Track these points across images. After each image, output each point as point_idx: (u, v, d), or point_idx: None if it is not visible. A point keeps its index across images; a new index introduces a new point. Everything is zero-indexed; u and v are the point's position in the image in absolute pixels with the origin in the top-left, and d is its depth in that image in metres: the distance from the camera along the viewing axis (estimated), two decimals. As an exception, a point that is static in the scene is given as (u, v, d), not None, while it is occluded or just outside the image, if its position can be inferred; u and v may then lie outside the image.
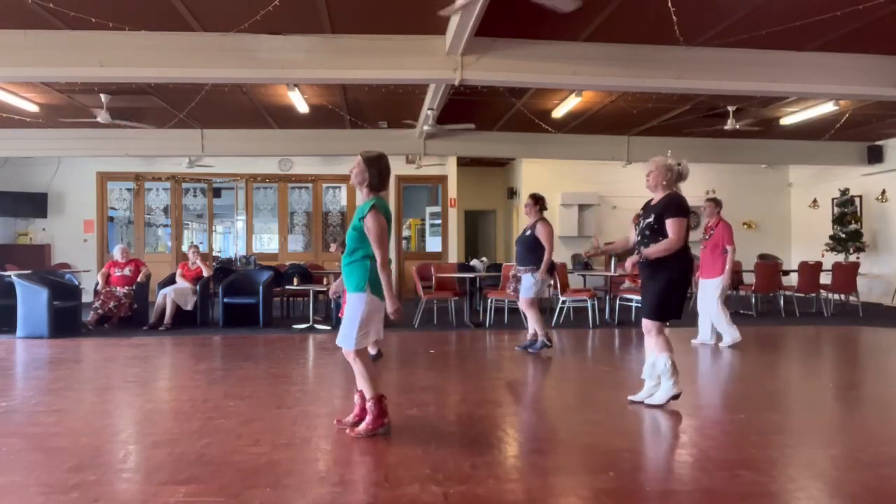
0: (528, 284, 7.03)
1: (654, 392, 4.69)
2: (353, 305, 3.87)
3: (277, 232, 14.70)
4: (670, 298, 4.57)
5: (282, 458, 3.55)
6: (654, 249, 4.51)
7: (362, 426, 3.92)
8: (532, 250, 6.99)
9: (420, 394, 5.18)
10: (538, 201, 7.21)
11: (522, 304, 7.16)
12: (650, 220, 4.64)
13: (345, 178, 14.65)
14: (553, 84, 8.03)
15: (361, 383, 3.96)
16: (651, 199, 4.79)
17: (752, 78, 7.51)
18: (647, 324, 4.68)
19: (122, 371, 6.25)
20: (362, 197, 3.99)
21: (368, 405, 3.92)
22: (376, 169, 3.90)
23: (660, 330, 4.65)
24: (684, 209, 4.59)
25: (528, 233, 7.11)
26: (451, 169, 13.83)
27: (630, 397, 4.81)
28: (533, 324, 7.05)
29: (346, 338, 3.89)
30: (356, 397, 4.06)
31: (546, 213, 7.28)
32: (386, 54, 7.07)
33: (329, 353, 7.41)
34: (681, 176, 4.68)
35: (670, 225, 4.51)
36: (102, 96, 8.99)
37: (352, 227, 3.92)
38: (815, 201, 14.39)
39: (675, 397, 4.61)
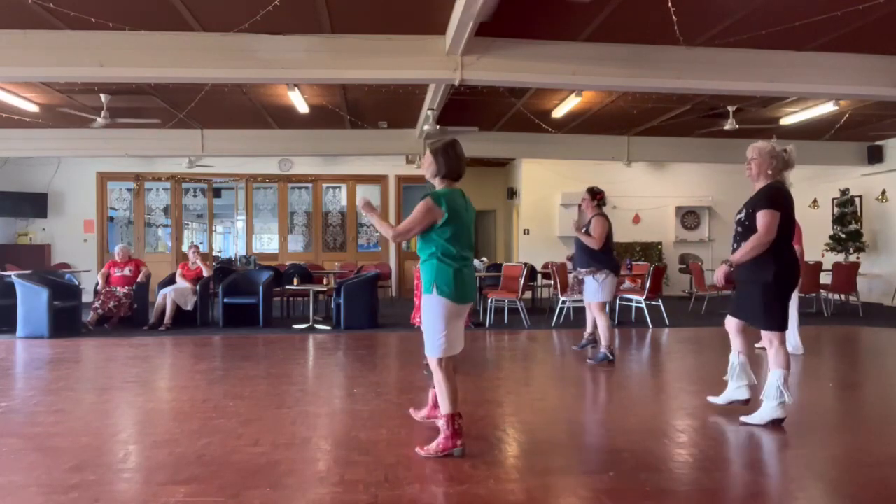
0: (594, 288, 6.48)
1: (739, 395, 4.38)
2: (426, 309, 3.66)
3: (277, 232, 14.71)
4: (781, 302, 4.09)
5: (282, 458, 3.55)
6: (740, 253, 4.08)
7: (433, 445, 3.58)
8: (591, 249, 6.48)
9: (420, 394, 5.18)
10: (595, 195, 6.65)
11: (594, 309, 6.58)
12: (741, 215, 4.19)
13: (345, 178, 14.67)
14: (553, 84, 8.02)
15: (438, 396, 3.64)
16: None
17: (752, 78, 7.50)
18: (766, 335, 4.18)
19: (122, 371, 6.25)
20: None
21: (441, 423, 3.59)
22: (443, 158, 3.66)
23: (782, 341, 4.15)
24: (777, 201, 4.06)
25: (584, 230, 6.61)
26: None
27: (710, 398, 4.57)
28: (602, 331, 6.45)
29: (427, 345, 3.64)
30: (431, 393, 4.01)
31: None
32: (386, 54, 7.07)
33: (329, 352, 7.41)
34: (787, 164, 4.17)
35: (760, 218, 4.04)
36: (102, 96, 8.99)
37: None
38: (815, 201, 14.39)
39: (778, 421, 4.14)
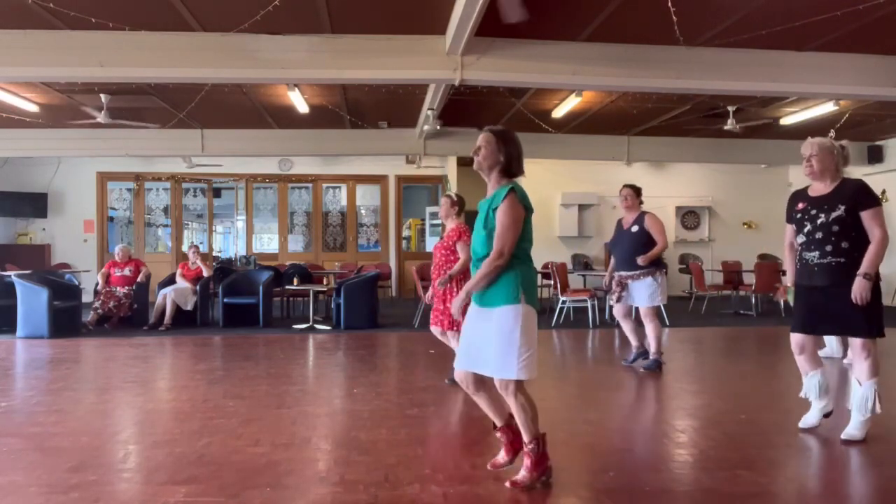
0: (650, 291, 5.97)
1: (824, 412, 4.08)
2: (506, 323, 3.00)
3: (277, 232, 14.71)
4: (881, 306, 3.75)
5: (282, 458, 3.55)
6: (871, 263, 3.67)
7: (523, 474, 3.11)
8: (646, 248, 5.93)
9: (420, 394, 5.18)
10: (640, 193, 6.25)
11: (649, 314, 6.04)
12: (838, 213, 3.74)
13: (345, 178, 14.65)
14: (553, 84, 8.02)
15: (519, 421, 3.10)
16: (806, 189, 4.02)
17: (752, 78, 7.51)
18: (864, 343, 3.81)
19: (122, 371, 6.25)
20: (492, 185, 3.19)
21: (529, 448, 3.10)
22: (515, 147, 3.13)
23: (873, 349, 3.85)
24: (876, 195, 3.82)
25: (636, 228, 6.03)
26: (451, 169, 13.83)
27: (803, 425, 4.14)
28: (651, 337, 6.04)
29: (506, 366, 2.98)
30: (499, 434, 3.26)
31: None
32: (386, 54, 7.07)
33: (329, 353, 7.41)
34: (846, 160, 3.91)
35: (872, 217, 3.68)
36: (102, 96, 8.99)
37: (483, 227, 3.11)
38: (815, 201, 14.38)
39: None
